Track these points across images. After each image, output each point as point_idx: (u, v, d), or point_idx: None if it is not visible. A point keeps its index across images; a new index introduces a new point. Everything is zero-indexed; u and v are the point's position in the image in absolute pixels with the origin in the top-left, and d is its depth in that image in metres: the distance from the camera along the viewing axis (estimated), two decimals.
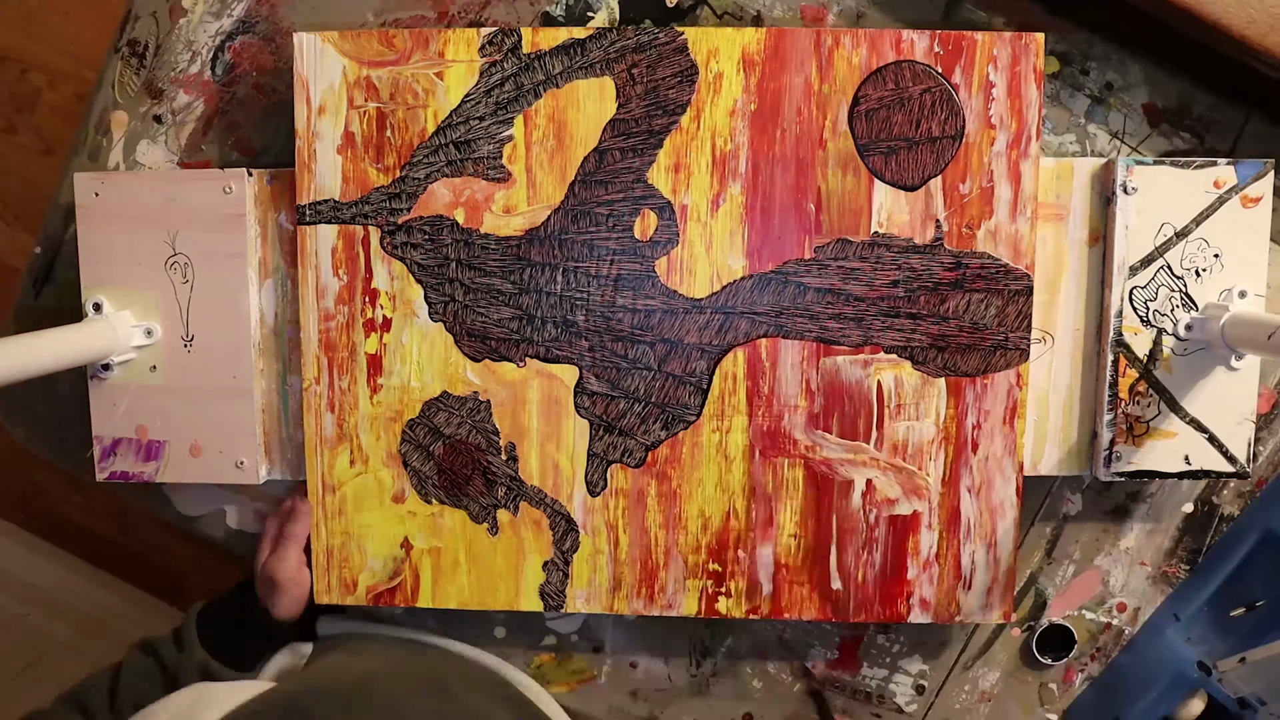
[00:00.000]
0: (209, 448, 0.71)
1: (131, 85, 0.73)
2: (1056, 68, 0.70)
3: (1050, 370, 0.70)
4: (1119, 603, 0.75)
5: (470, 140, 0.68)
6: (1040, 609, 0.75)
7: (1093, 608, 0.75)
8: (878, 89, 0.67)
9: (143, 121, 0.73)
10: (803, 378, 0.68)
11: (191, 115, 0.73)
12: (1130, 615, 0.75)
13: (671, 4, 0.70)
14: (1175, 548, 0.74)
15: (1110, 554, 0.74)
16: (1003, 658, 0.76)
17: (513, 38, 0.67)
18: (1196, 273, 0.68)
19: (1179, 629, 0.74)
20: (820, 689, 0.69)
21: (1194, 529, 0.74)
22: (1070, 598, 0.75)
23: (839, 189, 0.67)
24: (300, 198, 0.69)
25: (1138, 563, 0.74)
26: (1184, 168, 0.67)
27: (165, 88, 0.73)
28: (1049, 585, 0.75)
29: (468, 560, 0.71)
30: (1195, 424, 0.69)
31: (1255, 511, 0.73)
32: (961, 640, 0.76)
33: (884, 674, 0.76)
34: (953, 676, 0.76)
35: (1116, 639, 0.75)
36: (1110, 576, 0.75)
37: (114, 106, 0.73)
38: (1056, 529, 0.74)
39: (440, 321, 0.69)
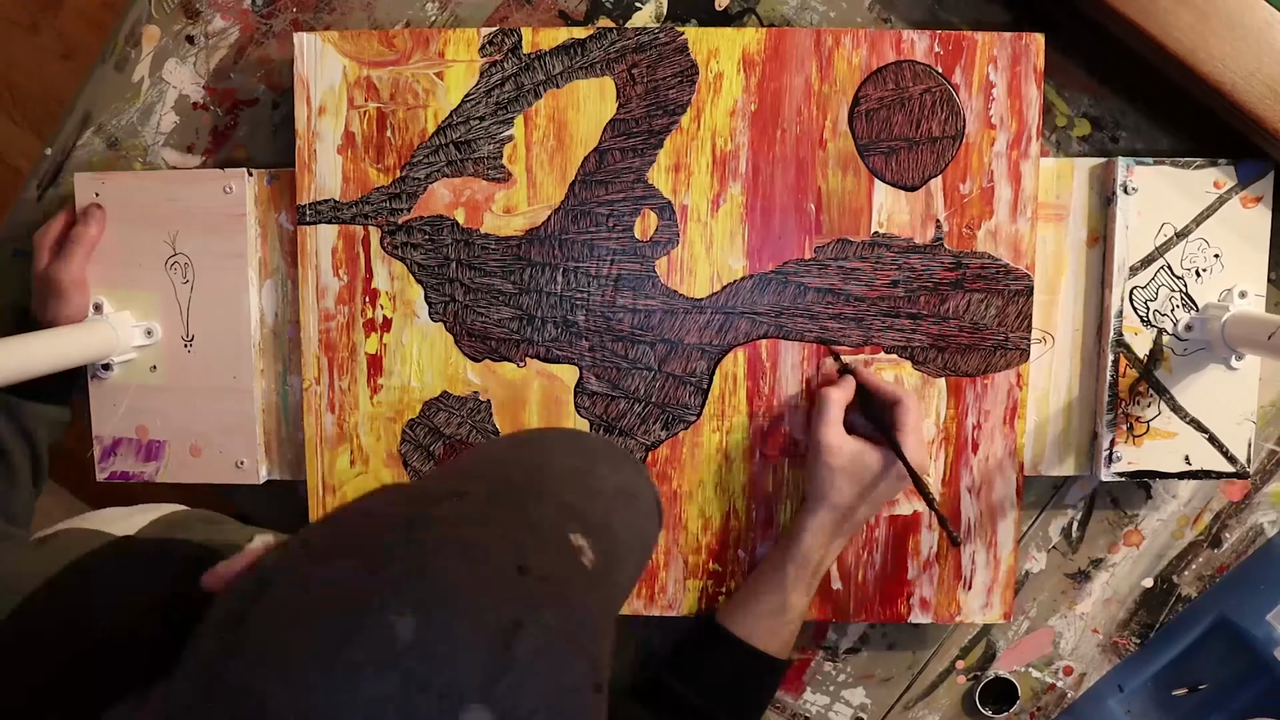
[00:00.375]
0: (209, 448, 0.71)
1: (169, 1, 0.72)
2: (1088, 130, 0.70)
3: (1050, 370, 0.70)
4: (1066, 665, 0.75)
5: (470, 140, 0.68)
6: (989, 660, 0.76)
7: (1040, 666, 0.76)
8: (878, 89, 0.67)
9: (174, 39, 0.72)
10: (803, 378, 0.68)
11: (225, 41, 0.72)
12: (1075, 680, 0.76)
13: (721, 7, 0.70)
14: (1130, 620, 0.75)
15: (1065, 616, 0.75)
16: (945, 703, 0.76)
17: (513, 38, 0.67)
18: (1196, 273, 0.68)
19: (1121, 700, 0.75)
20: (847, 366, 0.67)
21: (1151, 604, 0.75)
22: (1020, 653, 0.75)
23: (839, 189, 0.67)
24: (300, 198, 0.69)
25: (1091, 629, 0.75)
26: (1184, 168, 0.67)
27: (203, 9, 0.72)
28: (1001, 638, 0.75)
29: None
30: (1195, 424, 0.69)
31: (1213, 596, 0.74)
32: (907, 679, 0.76)
33: (825, 701, 0.76)
34: (892, 714, 0.76)
35: (1058, 701, 0.76)
36: (1062, 639, 0.75)
37: (148, 19, 0.72)
38: (1018, 583, 0.74)
39: (440, 321, 0.69)
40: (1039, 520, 0.74)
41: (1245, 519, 0.73)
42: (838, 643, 0.76)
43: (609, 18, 0.71)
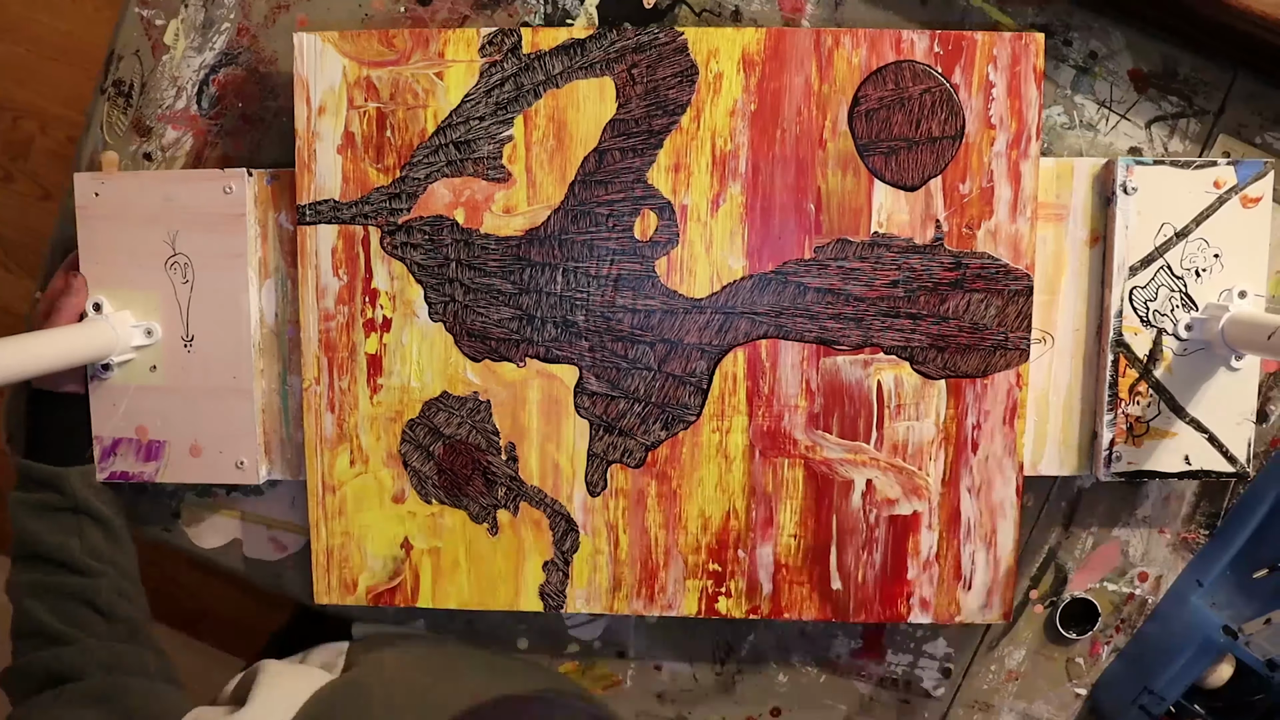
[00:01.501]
0: (209, 448, 0.71)
1: (120, 124, 0.73)
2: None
3: (1050, 370, 0.70)
4: (1140, 572, 0.74)
5: (470, 140, 0.68)
6: (1061, 584, 0.75)
7: (1114, 579, 0.75)
8: (878, 89, 0.67)
9: (133, 160, 0.74)
10: (803, 378, 0.68)
11: (181, 150, 0.74)
12: (1152, 584, 0.75)
13: (649, 5, 0.70)
14: (1193, 513, 0.74)
15: (1128, 524, 0.74)
16: (1027, 635, 0.76)
17: (513, 38, 0.67)
18: (1196, 273, 0.68)
19: (1202, 594, 0.73)
20: None
21: (1210, 493, 0.74)
22: (1091, 570, 0.75)
23: (839, 189, 0.67)
24: (300, 198, 0.69)
25: (1156, 531, 0.74)
26: (1184, 168, 0.67)
27: (153, 125, 0.73)
28: (1068, 559, 0.74)
29: (468, 560, 0.71)
30: (1195, 424, 0.69)
31: (1271, 472, 0.72)
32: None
33: (909, 660, 0.76)
34: (978, 657, 0.76)
35: (1140, 609, 0.75)
36: (1129, 547, 0.74)
37: (104, 147, 0.74)
38: (1072, 502, 0.74)
39: (440, 321, 0.69)
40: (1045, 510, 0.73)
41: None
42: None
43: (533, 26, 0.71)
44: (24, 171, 1.56)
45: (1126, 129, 0.71)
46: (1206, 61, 0.70)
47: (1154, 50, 0.70)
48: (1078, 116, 0.71)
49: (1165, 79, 0.71)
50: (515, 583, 0.71)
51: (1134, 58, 0.70)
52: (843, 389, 0.68)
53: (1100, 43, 0.70)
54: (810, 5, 0.71)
